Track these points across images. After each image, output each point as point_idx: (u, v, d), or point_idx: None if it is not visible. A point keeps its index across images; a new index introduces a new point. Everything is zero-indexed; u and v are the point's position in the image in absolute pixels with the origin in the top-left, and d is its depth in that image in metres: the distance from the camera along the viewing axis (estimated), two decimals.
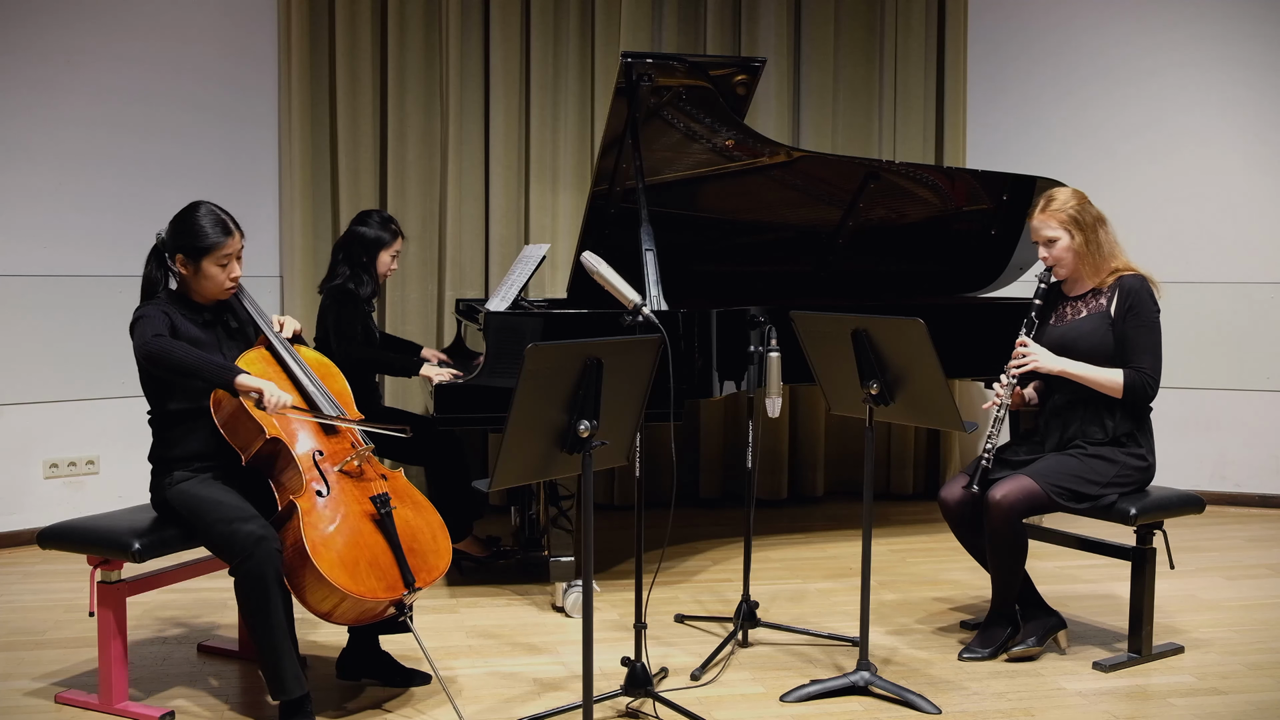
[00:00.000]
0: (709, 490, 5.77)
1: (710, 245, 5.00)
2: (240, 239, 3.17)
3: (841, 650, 3.66)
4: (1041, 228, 3.57)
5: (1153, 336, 3.49)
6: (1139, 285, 3.52)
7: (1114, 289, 3.54)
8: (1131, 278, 3.54)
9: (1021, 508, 3.43)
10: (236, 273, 3.17)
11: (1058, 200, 3.56)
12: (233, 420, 3.09)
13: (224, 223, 3.14)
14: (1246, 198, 5.72)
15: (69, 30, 4.92)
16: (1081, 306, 3.61)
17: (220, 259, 3.12)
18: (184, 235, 3.13)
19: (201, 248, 3.11)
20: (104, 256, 5.03)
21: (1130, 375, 3.47)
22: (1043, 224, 3.56)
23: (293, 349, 3.26)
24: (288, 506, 3.04)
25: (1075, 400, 3.56)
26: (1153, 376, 3.47)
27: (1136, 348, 3.48)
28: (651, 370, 2.87)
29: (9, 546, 4.87)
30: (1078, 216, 3.53)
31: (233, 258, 3.15)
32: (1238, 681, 3.46)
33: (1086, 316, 3.57)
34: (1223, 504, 5.70)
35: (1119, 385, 3.46)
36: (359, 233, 4.39)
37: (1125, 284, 3.53)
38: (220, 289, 3.17)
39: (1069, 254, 3.56)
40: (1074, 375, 3.49)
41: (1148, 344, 3.48)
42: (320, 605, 2.99)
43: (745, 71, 4.40)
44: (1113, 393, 3.47)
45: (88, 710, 3.19)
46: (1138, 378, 3.46)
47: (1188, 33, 5.75)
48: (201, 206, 3.16)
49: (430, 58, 5.41)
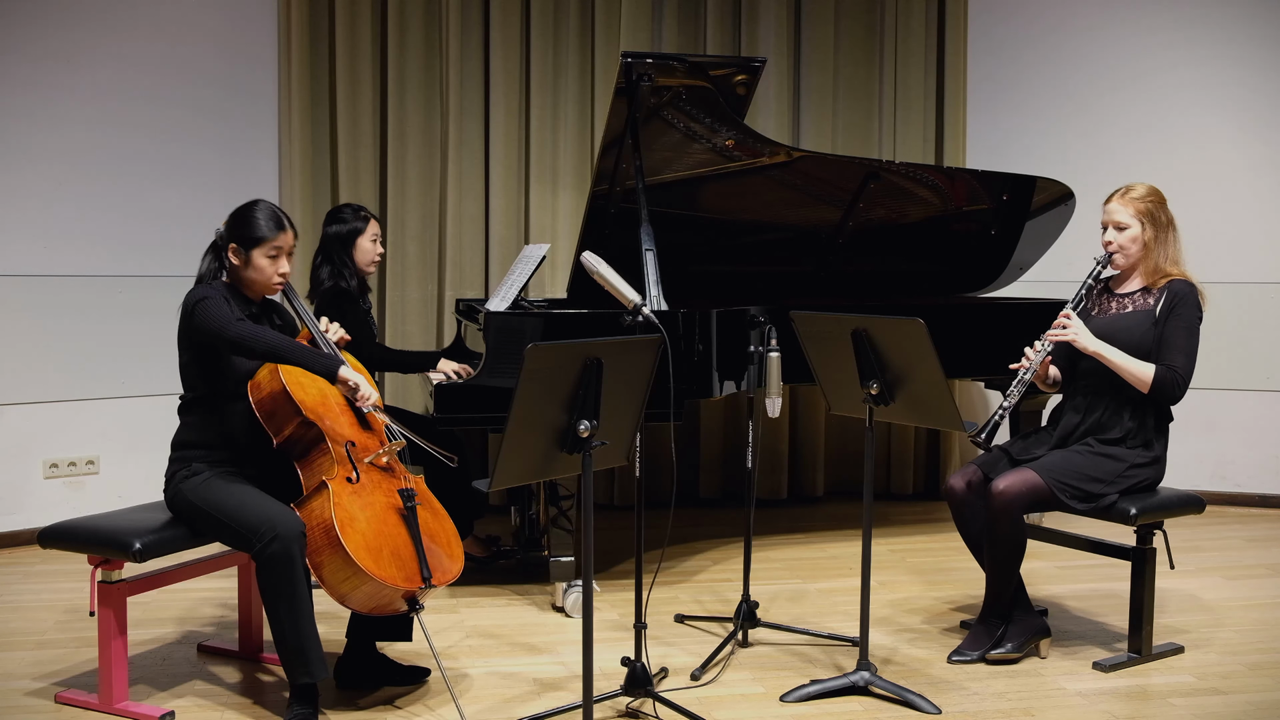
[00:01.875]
0: (709, 490, 5.77)
1: (710, 245, 5.00)
2: (293, 237, 3.27)
3: (841, 650, 3.66)
4: (1116, 212, 3.58)
5: (1190, 340, 3.49)
6: (1188, 291, 3.53)
7: (1164, 291, 3.55)
8: (1182, 283, 3.55)
9: (1024, 501, 3.43)
10: (285, 268, 3.25)
11: (1137, 191, 3.58)
12: (270, 402, 3.13)
13: (278, 218, 3.25)
14: (1246, 198, 5.73)
15: (69, 30, 4.93)
16: (1128, 303, 3.61)
17: (270, 250, 3.21)
18: (239, 226, 3.22)
19: (254, 238, 3.20)
20: (104, 256, 5.03)
21: (1161, 371, 3.46)
22: (1119, 209, 3.57)
23: (335, 349, 3.32)
24: (318, 486, 3.07)
25: (1099, 392, 3.56)
26: (1183, 376, 3.47)
27: (1172, 346, 3.48)
28: (651, 370, 2.87)
29: (9, 546, 4.87)
30: (1154, 212, 3.56)
31: (283, 253, 3.24)
32: (1238, 681, 3.46)
33: (1132, 311, 3.58)
34: (1223, 504, 5.70)
35: (1148, 379, 3.46)
36: (331, 232, 4.43)
37: (1175, 287, 3.54)
38: (269, 282, 3.24)
39: (1135, 245, 3.57)
40: (1107, 359, 3.48)
41: (1184, 345, 3.48)
42: (339, 586, 3.00)
43: (745, 71, 4.40)
44: (1140, 386, 3.46)
45: (88, 710, 3.19)
46: (1168, 374, 3.46)
47: (1188, 33, 5.75)
48: (260, 202, 3.28)
49: (430, 58, 5.41)
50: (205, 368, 3.20)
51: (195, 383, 3.23)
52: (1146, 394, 3.47)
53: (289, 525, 2.99)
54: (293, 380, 3.13)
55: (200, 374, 3.21)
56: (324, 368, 3.17)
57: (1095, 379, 3.56)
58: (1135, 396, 3.51)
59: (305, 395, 3.13)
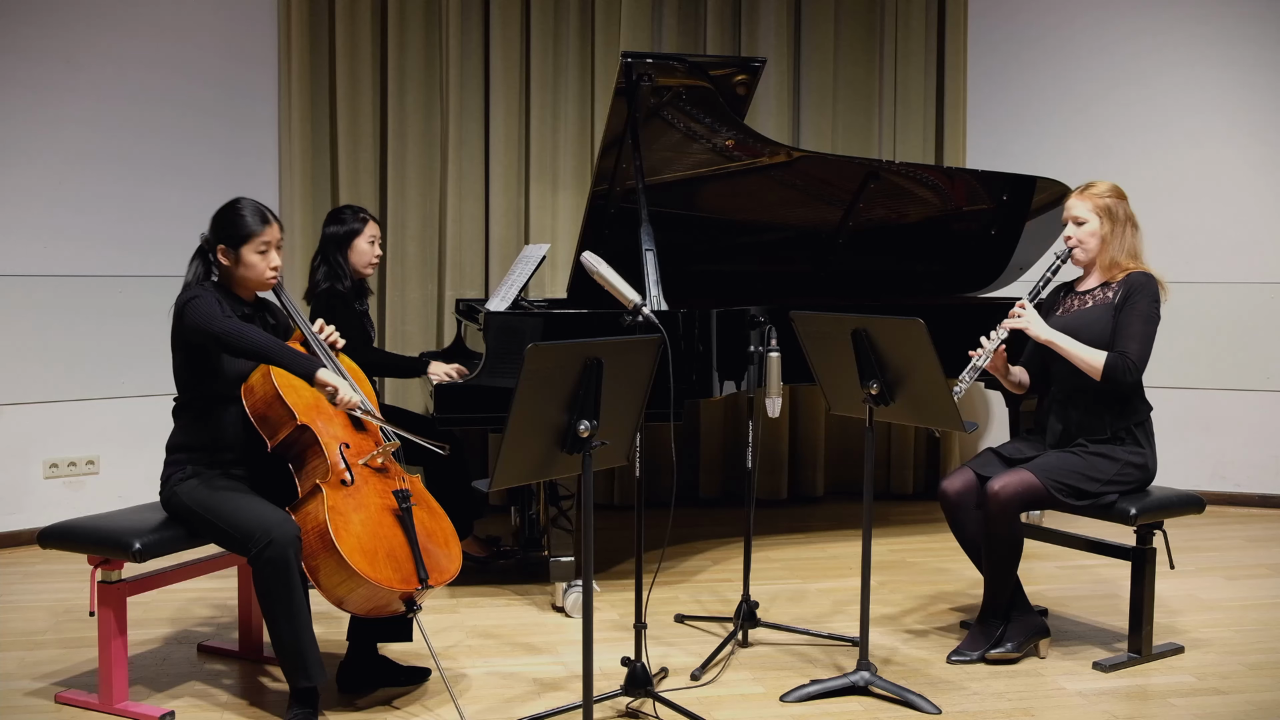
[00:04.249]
0: (709, 490, 5.77)
1: (710, 245, 5.00)
2: (279, 230, 3.26)
3: (841, 650, 3.66)
4: (1075, 208, 3.63)
5: (1146, 327, 3.51)
6: (1145, 280, 3.57)
7: (1123, 284, 3.58)
8: (1140, 274, 3.58)
9: (1020, 501, 3.43)
10: (276, 262, 3.24)
11: (1098, 188, 3.64)
12: (264, 406, 3.12)
13: (261, 213, 3.24)
14: (1246, 198, 5.73)
15: (69, 30, 4.93)
16: (1089, 298, 3.65)
17: (259, 245, 3.20)
18: (225, 225, 3.22)
19: (242, 235, 3.19)
20: (104, 256, 5.03)
21: (1112, 357, 3.48)
22: (1077, 204, 3.63)
23: (330, 351, 3.30)
24: (312, 489, 3.06)
25: (1074, 393, 3.57)
26: (1135, 362, 3.48)
27: (1125, 333, 3.51)
28: (651, 370, 2.87)
29: (9, 546, 4.87)
30: (1112, 208, 3.60)
31: (272, 246, 3.22)
32: (1238, 681, 3.46)
33: (1092, 307, 3.61)
34: (1223, 504, 5.70)
35: (1099, 366, 3.47)
36: (329, 233, 4.43)
37: (1132, 279, 3.58)
38: (262, 278, 3.23)
39: (1094, 239, 3.60)
40: (1060, 347, 3.51)
41: (1137, 331, 3.50)
42: (335, 590, 3.00)
43: (745, 71, 4.40)
44: (1092, 373, 3.49)
45: (88, 710, 3.19)
46: (1119, 360, 3.47)
47: (1188, 33, 5.75)
48: (242, 199, 3.27)
49: (430, 58, 5.41)
50: (197, 370, 3.19)
51: (188, 385, 3.22)
52: (1099, 381, 3.48)
53: (284, 530, 2.97)
54: (285, 383, 3.12)
55: (193, 376, 3.20)
56: (303, 369, 3.13)
57: (1067, 381, 3.58)
58: (1108, 394, 3.52)
59: (298, 398, 3.12)
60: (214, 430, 3.20)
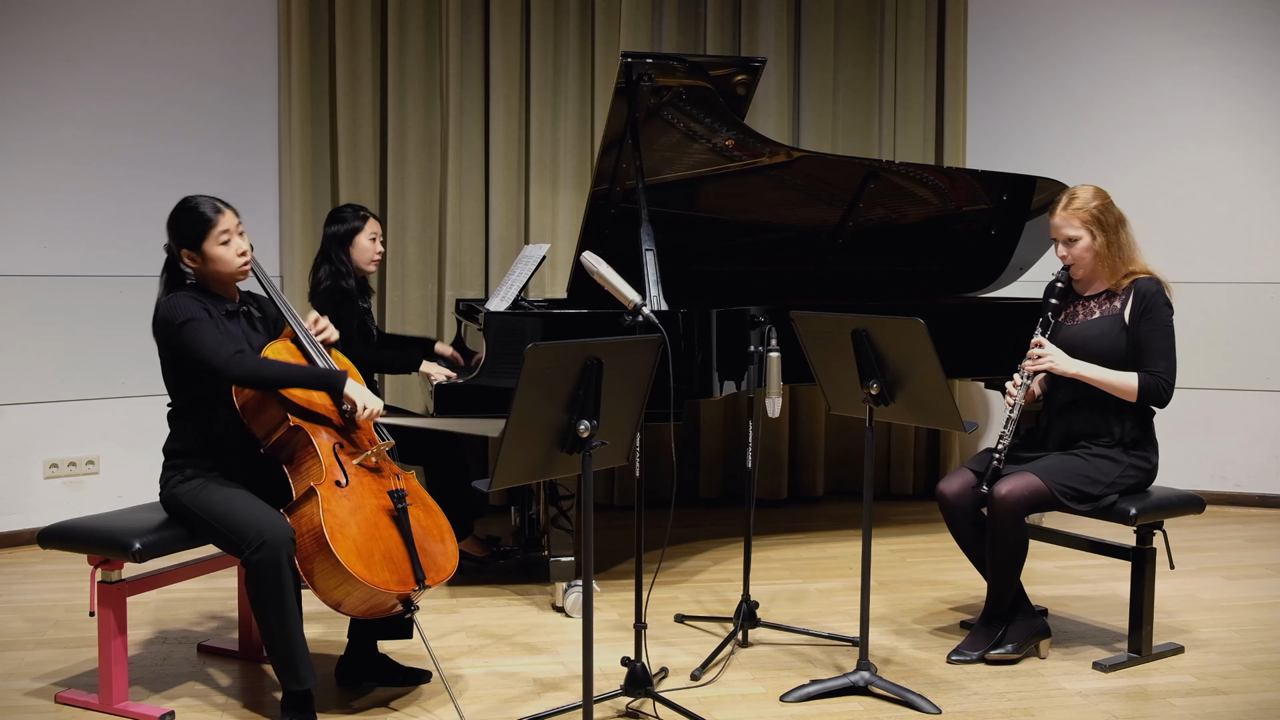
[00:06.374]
0: (709, 490, 5.77)
1: (710, 245, 5.00)
2: (234, 215, 3.19)
3: (841, 650, 3.66)
4: (1063, 226, 3.53)
5: (1168, 340, 3.49)
6: (1154, 289, 3.50)
7: (1128, 292, 3.53)
8: (1146, 280, 3.52)
9: (1026, 504, 3.43)
10: (243, 247, 3.19)
11: (1080, 199, 3.52)
12: (255, 405, 3.11)
13: (212, 203, 3.18)
14: (1246, 198, 5.72)
15: (69, 30, 4.93)
16: (1095, 307, 3.59)
17: (220, 237, 3.15)
18: (179, 228, 3.17)
19: (198, 233, 3.14)
20: (104, 256, 5.03)
21: (1145, 379, 3.46)
22: (1064, 222, 3.53)
23: (321, 347, 3.28)
24: (306, 492, 3.04)
25: (1079, 399, 3.56)
26: (1167, 380, 3.47)
27: (1152, 351, 3.47)
28: (651, 370, 2.87)
29: (9, 546, 4.87)
30: (1100, 216, 3.50)
31: (233, 233, 3.17)
32: (1238, 681, 3.46)
33: (1099, 318, 3.56)
34: (1223, 504, 5.70)
35: (1134, 389, 3.45)
36: (330, 232, 4.44)
37: (1140, 287, 3.52)
38: (233, 267, 3.18)
39: (1089, 254, 3.54)
40: (1089, 378, 3.48)
41: (1163, 348, 3.47)
42: (332, 593, 2.99)
43: (745, 71, 4.40)
44: (1127, 396, 3.46)
45: (88, 710, 3.19)
46: (1152, 381, 3.45)
47: (1188, 33, 5.75)
48: (187, 198, 3.21)
49: (430, 58, 5.41)
50: (183, 373, 3.16)
51: (179, 390, 3.19)
52: (1135, 402, 3.47)
53: (277, 532, 2.96)
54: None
55: (182, 380, 3.17)
56: (330, 387, 3.12)
57: (1073, 387, 3.56)
58: (1115, 402, 3.51)
59: (290, 398, 3.10)
60: (209, 433, 3.18)
